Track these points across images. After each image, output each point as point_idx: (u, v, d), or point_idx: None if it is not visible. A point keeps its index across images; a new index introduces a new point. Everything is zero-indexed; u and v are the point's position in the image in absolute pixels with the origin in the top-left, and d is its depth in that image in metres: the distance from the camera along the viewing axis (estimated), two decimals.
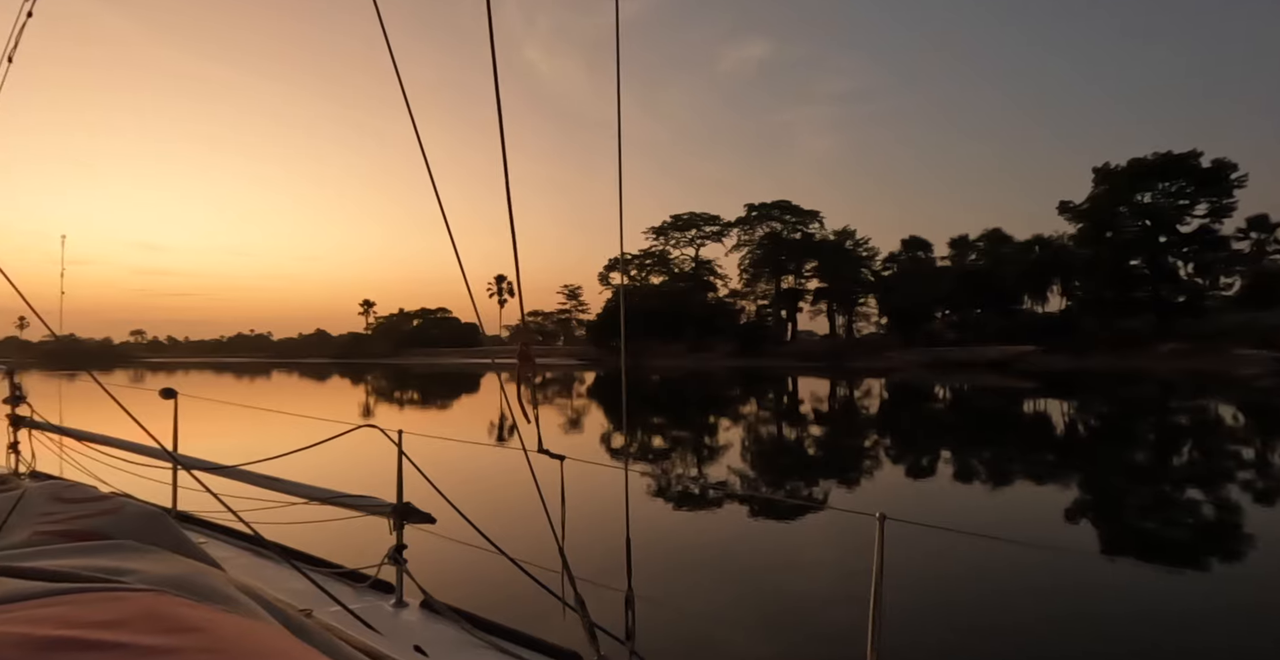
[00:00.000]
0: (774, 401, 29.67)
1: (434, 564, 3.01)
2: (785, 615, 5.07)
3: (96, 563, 0.60)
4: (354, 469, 4.62)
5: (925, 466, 12.73)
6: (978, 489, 10.47)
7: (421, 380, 48.47)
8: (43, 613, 0.52)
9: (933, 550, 6.28)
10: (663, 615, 4.37)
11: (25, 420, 5.06)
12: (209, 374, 61.25)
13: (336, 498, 2.82)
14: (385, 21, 2.01)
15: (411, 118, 2.06)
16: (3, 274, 2.58)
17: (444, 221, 2.03)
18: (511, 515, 3.31)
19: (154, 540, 0.70)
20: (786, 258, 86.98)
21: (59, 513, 0.74)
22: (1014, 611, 5.15)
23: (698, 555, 6.66)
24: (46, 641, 0.43)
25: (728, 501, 9.31)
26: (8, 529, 0.72)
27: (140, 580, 0.56)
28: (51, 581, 0.56)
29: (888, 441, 16.72)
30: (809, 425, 20.09)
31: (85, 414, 5.55)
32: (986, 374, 47.85)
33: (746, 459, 13.68)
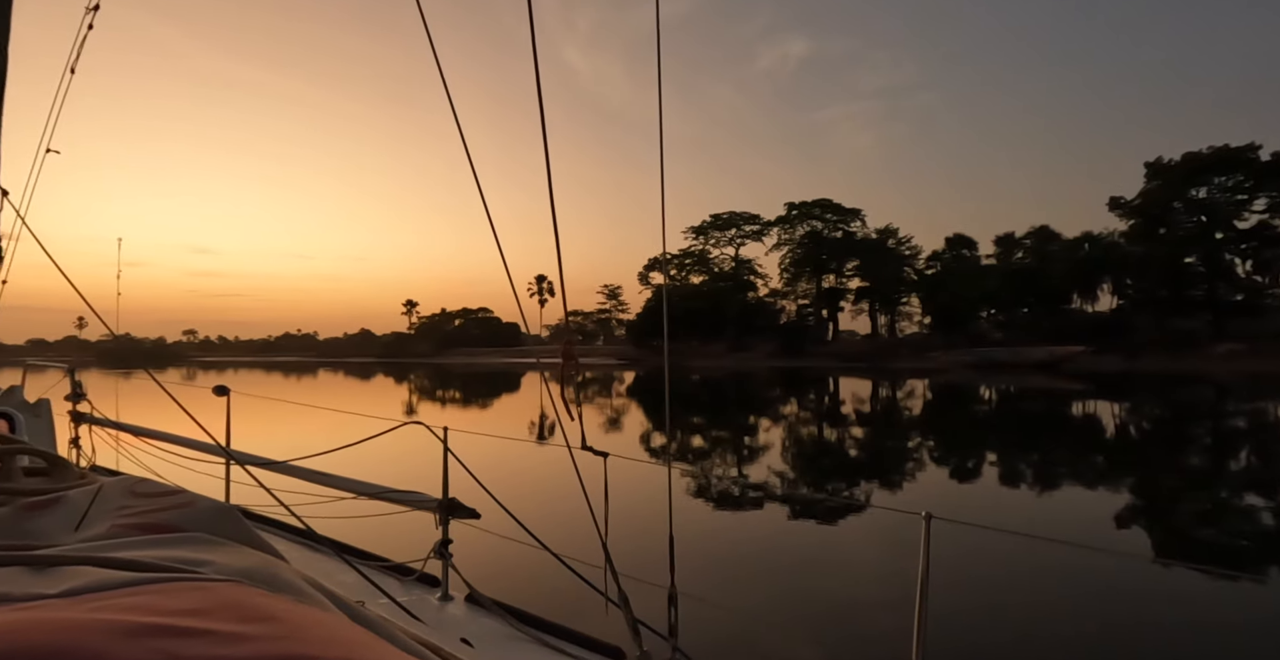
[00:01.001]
0: (815, 402, 29.42)
1: (479, 558, 3.05)
2: (828, 615, 5.03)
3: (174, 554, 0.63)
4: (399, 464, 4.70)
5: (970, 469, 12.52)
6: (1025, 493, 10.27)
7: (464, 379, 49.03)
8: (130, 601, 0.54)
9: (979, 551, 6.18)
10: (706, 613, 4.38)
11: (85, 416, 5.25)
12: (258, 372, 62.70)
13: (384, 493, 2.88)
14: (429, 25, 2.05)
15: (456, 119, 2.09)
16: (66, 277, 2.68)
17: (489, 222, 2.06)
18: (554, 511, 3.34)
19: (224, 534, 0.73)
20: (827, 257, 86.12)
21: (134, 506, 0.78)
22: (1066, 617, 5.04)
23: (740, 553, 6.65)
24: (137, 628, 0.45)
25: (769, 500, 9.27)
26: (87, 522, 0.76)
27: (216, 571, 0.58)
28: (135, 571, 0.58)
29: (931, 443, 16.48)
30: (850, 426, 19.88)
31: (141, 410, 5.73)
32: (1034, 375, 46.85)
33: (787, 459, 13.60)
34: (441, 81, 2.09)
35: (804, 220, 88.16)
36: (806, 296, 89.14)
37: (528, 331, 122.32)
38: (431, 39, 2.08)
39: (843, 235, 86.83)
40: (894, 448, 15.57)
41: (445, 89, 2.08)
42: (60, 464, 1.03)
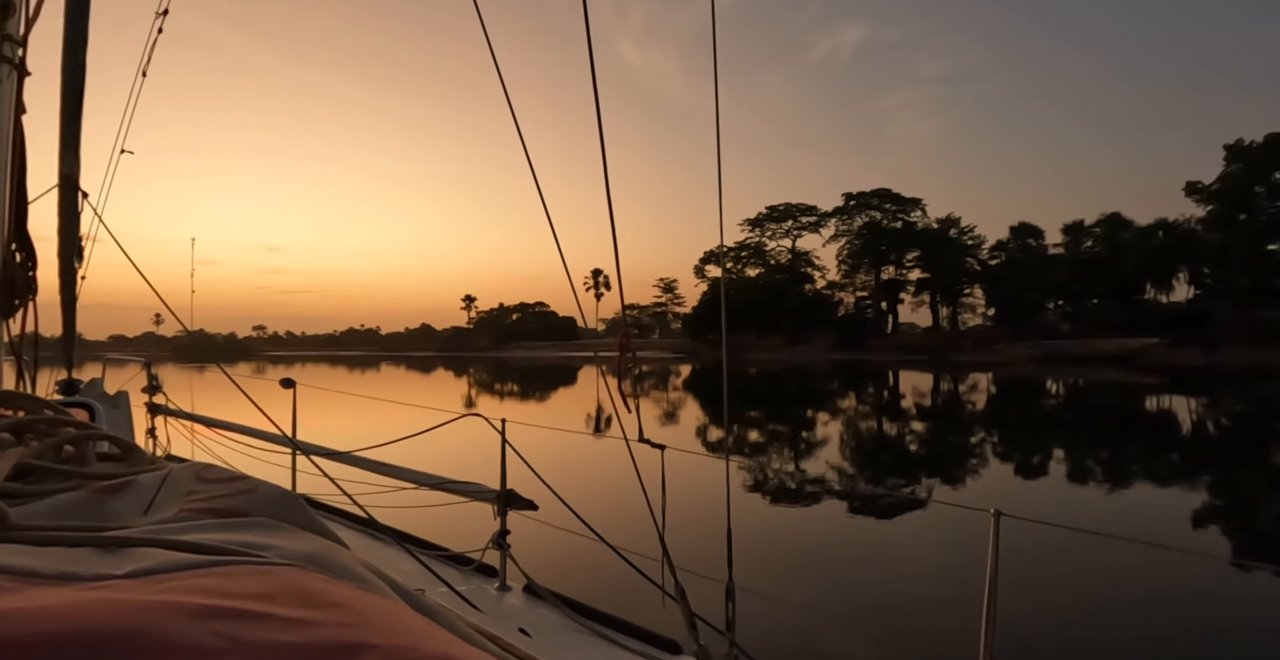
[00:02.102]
0: (874, 396, 28.94)
1: (536, 549, 3.07)
2: (889, 612, 4.94)
3: (239, 537, 0.64)
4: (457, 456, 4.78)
5: (1036, 466, 12.16)
6: (1094, 491, 9.93)
7: (522, 373, 49.64)
8: (194, 582, 0.55)
9: (1050, 550, 5.99)
10: (763, 607, 4.34)
11: (161, 408, 5.47)
12: (324, 366, 64.52)
13: (443, 483, 2.92)
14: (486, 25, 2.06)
15: (514, 119, 2.09)
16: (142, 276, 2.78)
17: (547, 219, 2.06)
18: (611, 504, 3.34)
19: (288, 519, 0.74)
20: (887, 248, 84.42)
21: (201, 491, 0.79)
22: (1141, 620, 4.85)
23: (799, 548, 6.58)
24: (201, 610, 0.46)
25: (830, 495, 9.15)
26: (156, 505, 0.78)
27: (280, 555, 0.59)
28: (201, 554, 0.59)
29: (995, 439, 16.06)
30: (911, 421, 19.50)
31: (214, 403, 5.93)
32: (1105, 369, 45.25)
33: (846, 454, 13.41)
34: (500, 83, 2.09)
35: (862, 211, 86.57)
36: (865, 288, 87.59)
37: (585, 325, 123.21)
38: (490, 40, 2.09)
39: (902, 225, 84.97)
40: (956, 443, 15.22)
41: (504, 90, 2.09)
42: (133, 450, 1.06)
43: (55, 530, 0.61)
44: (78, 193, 3.55)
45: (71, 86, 3.16)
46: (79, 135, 3.40)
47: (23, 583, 0.52)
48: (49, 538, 0.61)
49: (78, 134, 3.39)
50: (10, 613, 0.43)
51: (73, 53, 3.02)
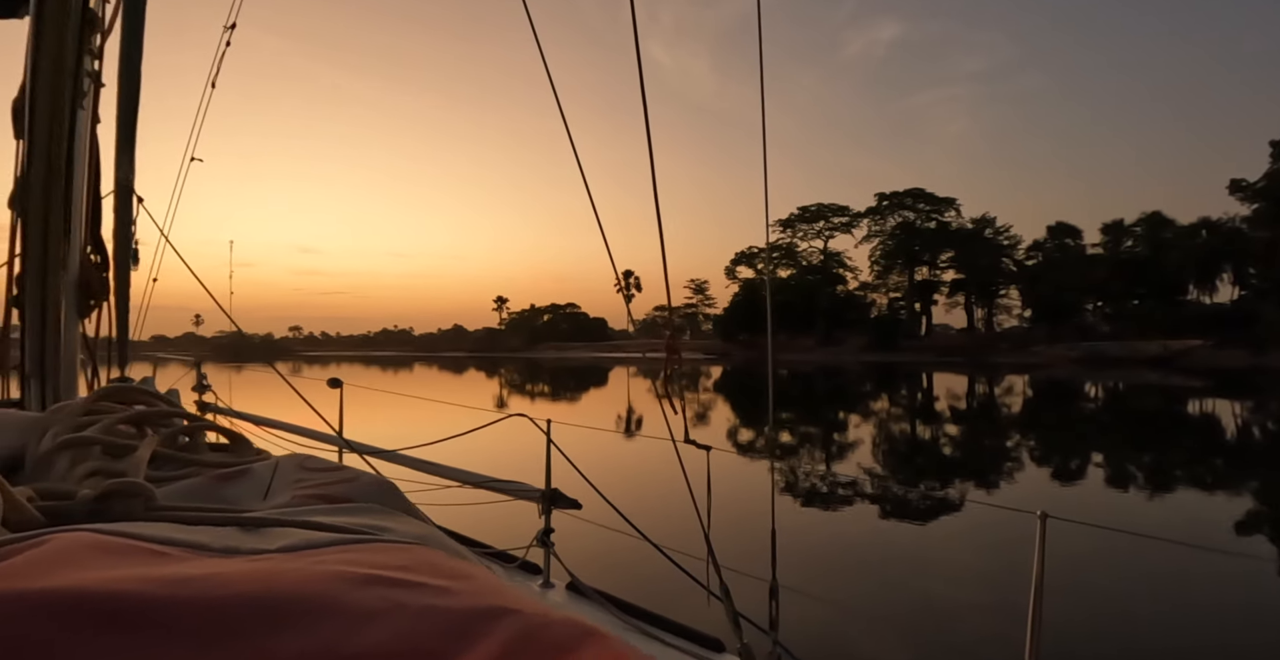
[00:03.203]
0: (909, 398, 28.65)
1: (580, 548, 3.11)
2: (932, 614, 4.92)
3: (360, 521, 0.69)
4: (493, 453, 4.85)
5: (1075, 471, 11.97)
6: (1135, 496, 9.76)
7: (555, 373, 49.89)
8: (342, 556, 0.59)
9: (1096, 554, 5.90)
10: (807, 607, 4.36)
11: (210, 406, 5.62)
12: (358, 366, 65.40)
13: (488, 482, 2.98)
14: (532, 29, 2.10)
15: (564, 120, 2.14)
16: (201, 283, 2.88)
17: (597, 221, 2.11)
18: (651, 502, 3.38)
19: (388, 505, 0.79)
20: (920, 248, 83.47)
21: (309, 479, 0.86)
22: (1192, 627, 4.77)
23: (840, 549, 6.57)
24: (360, 578, 0.50)
25: (870, 496, 9.10)
26: (272, 491, 0.84)
27: (399, 536, 0.63)
28: (336, 532, 0.62)
29: (1032, 443, 15.83)
30: (947, 424, 19.29)
31: (256, 401, 6.08)
32: (1146, 371, 44.33)
33: (879, 457, 13.31)
34: (551, 85, 2.14)
35: (895, 211, 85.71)
36: (898, 289, 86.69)
37: (628, 327, 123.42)
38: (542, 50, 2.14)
39: (936, 225, 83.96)
40: (994, 447, 15.03)
41: (555, 98, 2.14)
42: (240, 440, 1.13)
43: (198, 511, 0.68)
44: (132, 197, 3.68)
45: (128, 95, 3.28)
46: (134, 142, 3.53)
47: (197, 554, 0.58)
48: (197, 517, 0.64)
49: (133, 140, 3.52)
50: (207, 577, 0.48)
51: (130, 62, 3.14)
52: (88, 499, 0.66)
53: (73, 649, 0.37)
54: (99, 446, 0.93)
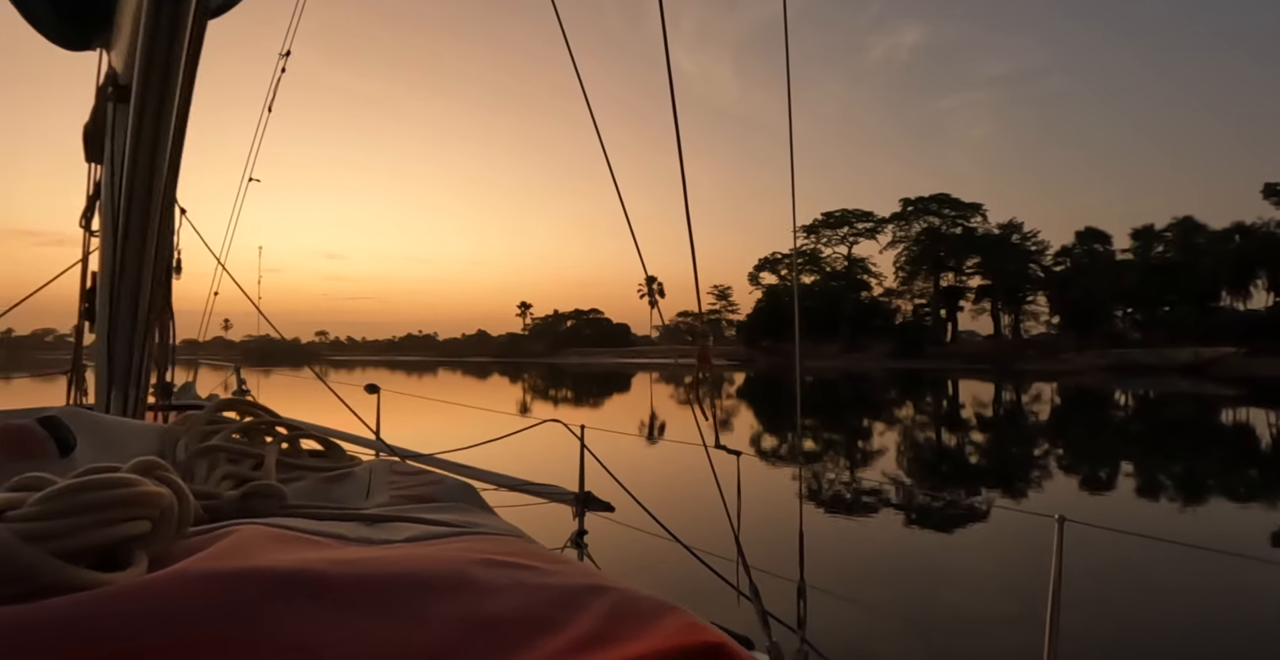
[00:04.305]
0: (934, 405, 28.45)
1: (613, 549, 3.21)
2: (954, 615, 4.95)
3: (458, 517, 0.80)
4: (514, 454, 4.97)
5: (1103, 480, 11.87)
6: (1165, 507, 9.67)
7: (580, 378, 50.05)
8: (460, 545, 0.65)
9: (1119, 561, 5.89)
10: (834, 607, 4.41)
11: None
12: (383, 371, 66.01)
13: (523, 485, 3.09)
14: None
15: (597, 129, 2.24)
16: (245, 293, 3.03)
17: (627, 224, 2.20)
18: (683, 506, 3.47)
19: (471, 504, 0.90)
20: (946, 254, 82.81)
21: (400, 481, 0.97)
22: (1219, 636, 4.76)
23: (865, 551, 6.60)
24: (489, 562, 0.59)
25: (892, 501, 9.11)
26: (372, 492, 0.95)
27: (493, 529, 0.75)
28: (446, 527, 0.74)
29: (1060, 452, 15.69)
30: (973, 431, 19.16)
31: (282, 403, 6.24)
32: (1177, 379, 43.61)
33: (903, 465, 13.28)
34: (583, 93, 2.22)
35: (920, 216, 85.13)
36: (923, 296, 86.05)
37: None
38: (574, 59, 2.24)
39: (962, 231, 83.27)
40: (1020, 455, 14.92)
41: (587, 104, 2.23)
42: (333, 446, 1.24)
43: (322, 508, 0.79)
44: (175, 208, 3.85)
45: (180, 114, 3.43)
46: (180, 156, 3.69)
47: (342, 543, 0.67)
48: (326, 514, 0.76)
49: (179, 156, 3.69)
50: (365, 560, 0.57)
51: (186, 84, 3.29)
52: (234, 499, 0.78)
53: (289, 615, 0.46)
54: (226, 453, 1.06)
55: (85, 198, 2.52)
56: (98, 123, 2.30)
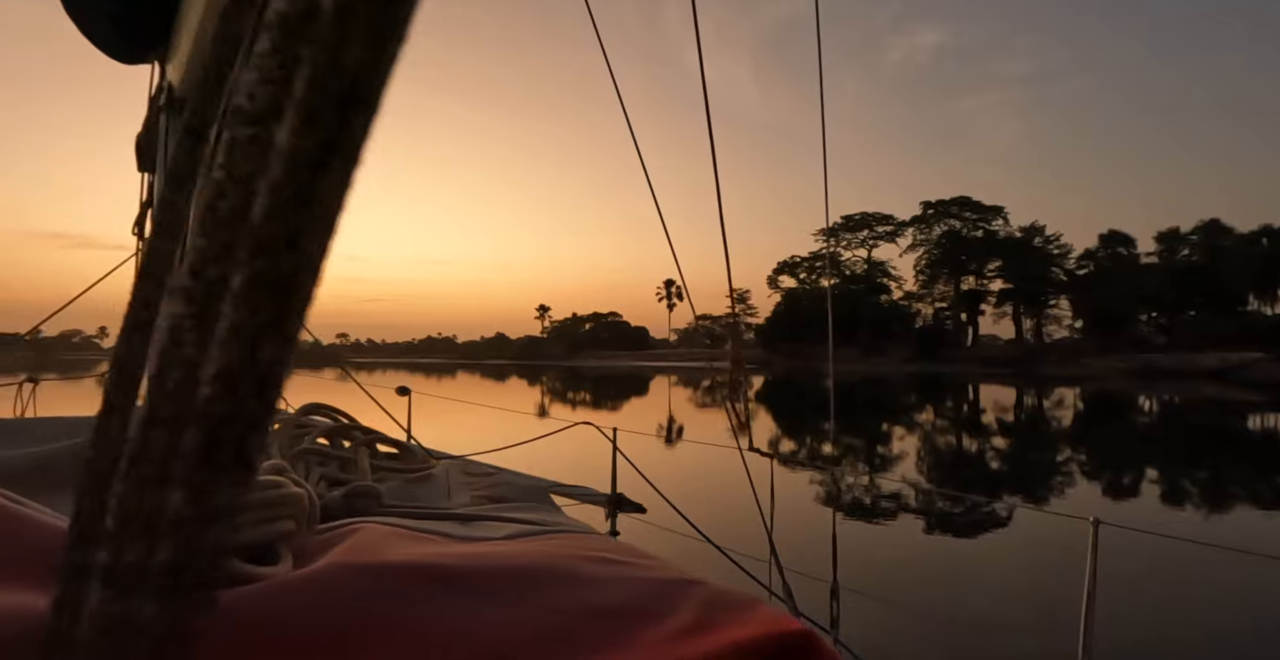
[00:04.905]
0: (954, 409, 28.25)
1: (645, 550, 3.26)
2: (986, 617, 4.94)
3: (540, 516, 0.85)
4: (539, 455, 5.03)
5: (1127, 487, 11.76)
6: (1192, 515, 9.57)
7: (597, 381, 50.10)
8: (552, 541, 0.70)
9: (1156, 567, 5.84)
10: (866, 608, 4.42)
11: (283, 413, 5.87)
12: (404, 373, 66.44)
13: (555, 487, 3.13)
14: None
15: (633, 135, 2.29)
16: None
17: (663, 228, 2.24)
18: (712, 506, 3.50)
19: (542, 502, 0.95)
20: (967, 257, 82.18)
21: (475, 481, 1.02)
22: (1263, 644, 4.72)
23: (895, 553, 6.58)
24: (584, 557, 0.62)
25: (922, 503, 9.08)
26: (452, 492, 1.01)
27: (576, 527, 0.80)
28: (532, 525, 0.80)
29: (1083, 457, 15.54)
30: (995, 436, 19.02)
31: None
32: (1202, 384, 43.01)
33: (926, 469, 13.21)
34: (619, 100, 2.27)
35: (941, 219, 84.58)
36: (944, 299, 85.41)
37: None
38: (610, 66, 2.29)
39: (983, 234, 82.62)
40: (1044, 461, 14.80)
41: (624, 111, 2.27)
42: (407, 448, 1.30)
43: (414, 507, 0.84)
44: None
45: None
46: None
47: (450, 540, 0.72)
48: (421, 513, 0.81)
49: None
50: (479, 554, 0.61)
51: None
52: (338, 499, 0.84)
53: (428, 605, 0.51)
54: (316, 456, 1.12)
55: (139, 206, 2.60)
56: (150, 133, 2.38)
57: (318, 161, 0.16)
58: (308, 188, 0.17)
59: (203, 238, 0.17)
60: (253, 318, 0.15)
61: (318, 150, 0.17)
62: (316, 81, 0.16)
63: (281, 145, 0.17)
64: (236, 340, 0.15)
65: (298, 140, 0.17)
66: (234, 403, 0.15)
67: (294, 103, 0.17)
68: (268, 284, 0.15)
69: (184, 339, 0.17)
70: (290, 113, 0.16)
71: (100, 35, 2.24)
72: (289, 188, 0.17)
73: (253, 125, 0.17)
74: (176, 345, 0.17)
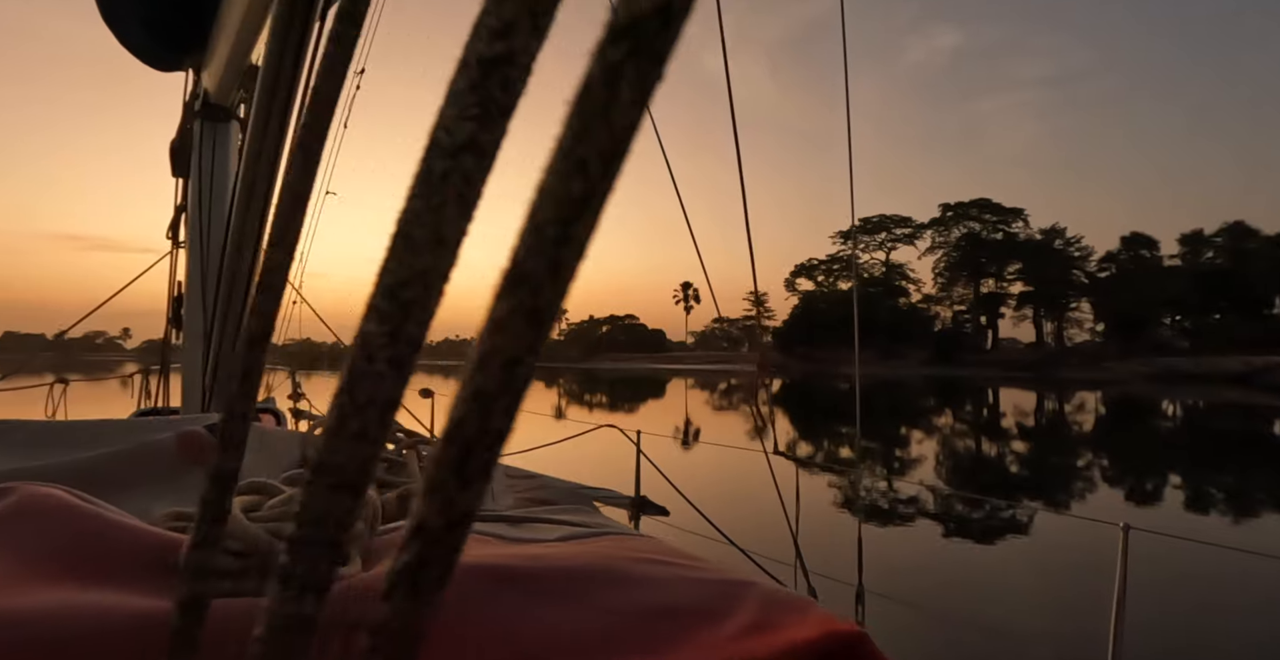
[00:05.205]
0: (973, 413, 28.04)
1: None
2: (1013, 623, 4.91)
3: (586, 518, 0.87)
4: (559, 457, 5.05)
5: (1151, 493, 11.63)
6: (1218, 521, 9.45)
7: (613, 384, 50.16)
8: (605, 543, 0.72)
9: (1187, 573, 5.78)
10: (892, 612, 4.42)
11: (304, 413, 5.91)
12: (422, 374, 66.71)
13: (578, 489, 3.16)
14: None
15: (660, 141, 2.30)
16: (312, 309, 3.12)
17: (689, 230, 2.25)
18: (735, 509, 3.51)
19: (584, 505, 0.96)
20: (986, 260, 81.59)
21: (517, 485, 1.04)
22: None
23: (920, 557, 6.55)
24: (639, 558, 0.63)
25: (947, 508, 9.02)
26: (497, 496, 1.03)
27: (621, 529, 0.81)
28: (581, 527, 0.82)
29: (1105, 462, 15.39)
30: (1014, 441, 18.86)
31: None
32: (1226, 388, 42.44)
33: (941, 475, 13.13)
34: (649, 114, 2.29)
35: (960, 222, 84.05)
36: (963, 302, 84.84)
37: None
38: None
39: (1003, 237, 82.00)
40: (1065, 466, 14.66)
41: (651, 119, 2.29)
42: None
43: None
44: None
45: None
46: None
47: (505, 542, 0.74)
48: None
49: None
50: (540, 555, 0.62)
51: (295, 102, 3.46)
52: (391, 501, 0.87)
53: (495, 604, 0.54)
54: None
55: (174, 209, 2.65)
56: (184, 139, 2.42)
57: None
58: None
59: (396, 262, 0.19)
60: (514, 343, 0.16)
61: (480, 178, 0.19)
62: (502, 122, 0.18)
63: (476, 179, 0.18)
64: (488, 364, 0.16)
65: (482, 175, 0.18)
66: (481, 421, 0.16)
67: (491, 141, 0.17)
68: (525, 313, 0.16)
69: (376, 356, 0.19)
70: (489, 149, 0.16)
71: (137, 43, 2.29)
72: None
73: (449, 159, 0.18)
74: (369, 361, 0.19)
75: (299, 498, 0.61)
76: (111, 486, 0.85)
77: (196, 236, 2.29)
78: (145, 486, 0.89)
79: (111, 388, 8.79)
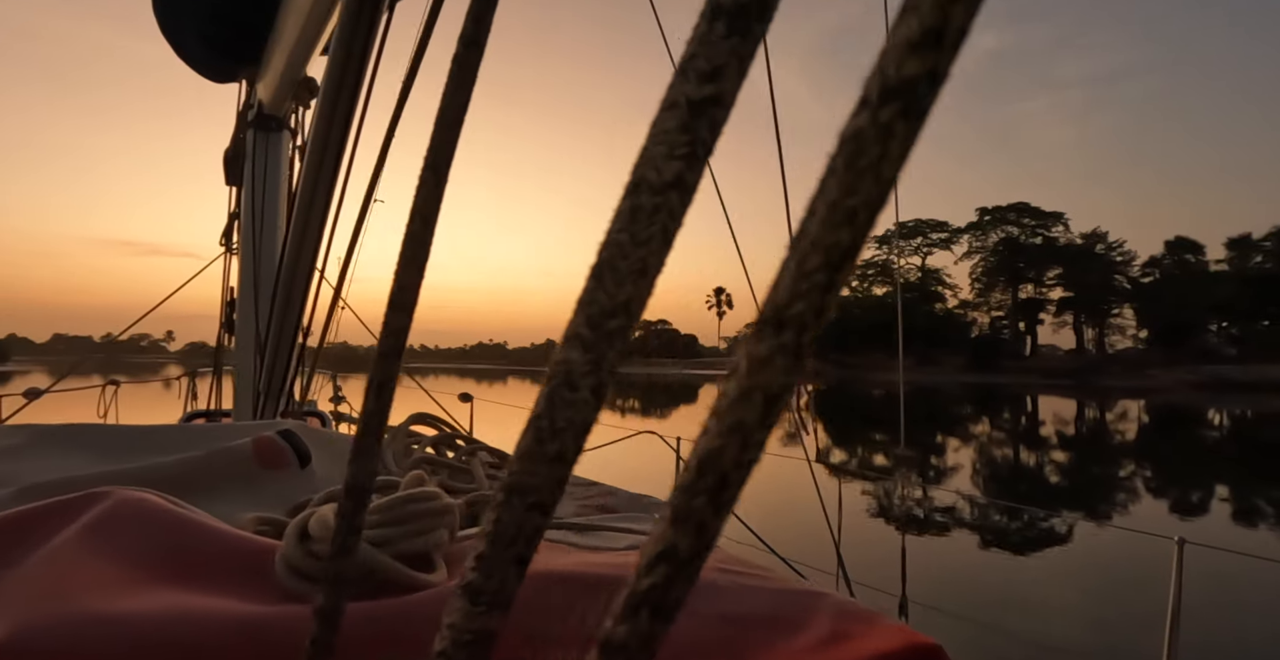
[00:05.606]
0: (1011, 422, 27.55)
1: None
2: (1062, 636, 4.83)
3: (649, 527, 0.88)
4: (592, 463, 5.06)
5: (1197, 504, 11.33)
6: (1270, 536, 9.19)
7: (646, 389, 50.16)
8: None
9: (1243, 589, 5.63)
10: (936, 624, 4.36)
11: (344, 416, 6.00)
12: (454, 378, 67.41)
13: (640, 497, 3.17)
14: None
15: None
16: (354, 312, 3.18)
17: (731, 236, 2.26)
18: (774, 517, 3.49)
19: (646, 512, 0.97)
20: (1025, 265, 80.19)
21: (578, 492, 1.05)
22: None
23: (965, 569, 6.47)
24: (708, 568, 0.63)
25: (990, 518, 8.89)
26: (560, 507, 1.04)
27: None
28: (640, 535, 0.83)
29: (1148, 473, 15.03)
30: (1054, 450, 18.50)
31: None
32: (1275, 397, 41.20)
33: (978, 484, 12.93)
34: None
35: (998, 226, 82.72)
36: (1001, 308, 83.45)
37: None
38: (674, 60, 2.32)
39: (1042, 241, 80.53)
40: (1110, 476, 14.35)
41: None
42: (507, 456, 1.34)
43: None
44: None
45: None
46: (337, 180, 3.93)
47: (574, 549, 0.76)
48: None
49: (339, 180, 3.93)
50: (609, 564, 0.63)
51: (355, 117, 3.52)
52: (463, 508, 0.89)
53: (578, 610, 0.55)
54: (430, 465, 1.16)
55: (226, 217, 2.72)
56: (238, 148, 2.49)
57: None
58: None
59: (601, 292, 0.19)
60: (775, 381, 0.15)
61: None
62: (705, 160, 0.19)
63: (678, 214, 0.19)
64: (750, 399, 0.16)
65: (683, 210, 0.19)
66: (739, 452, 0.15)
67: (694, 179, 0.19)
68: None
69: (579, 384, 0.19)
70: (692, 186, 0.18)
71: (194, 57, 2.36)
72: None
73: (656, 196, 0.18)
74: (571, 389, 0.19)
75: (389, 504, 0.63)
76: (194, 491, 0.87)
77: (249, 242, 2.35)
78: (225, 492, 0.92)
79: (155, 389, 8.99)
